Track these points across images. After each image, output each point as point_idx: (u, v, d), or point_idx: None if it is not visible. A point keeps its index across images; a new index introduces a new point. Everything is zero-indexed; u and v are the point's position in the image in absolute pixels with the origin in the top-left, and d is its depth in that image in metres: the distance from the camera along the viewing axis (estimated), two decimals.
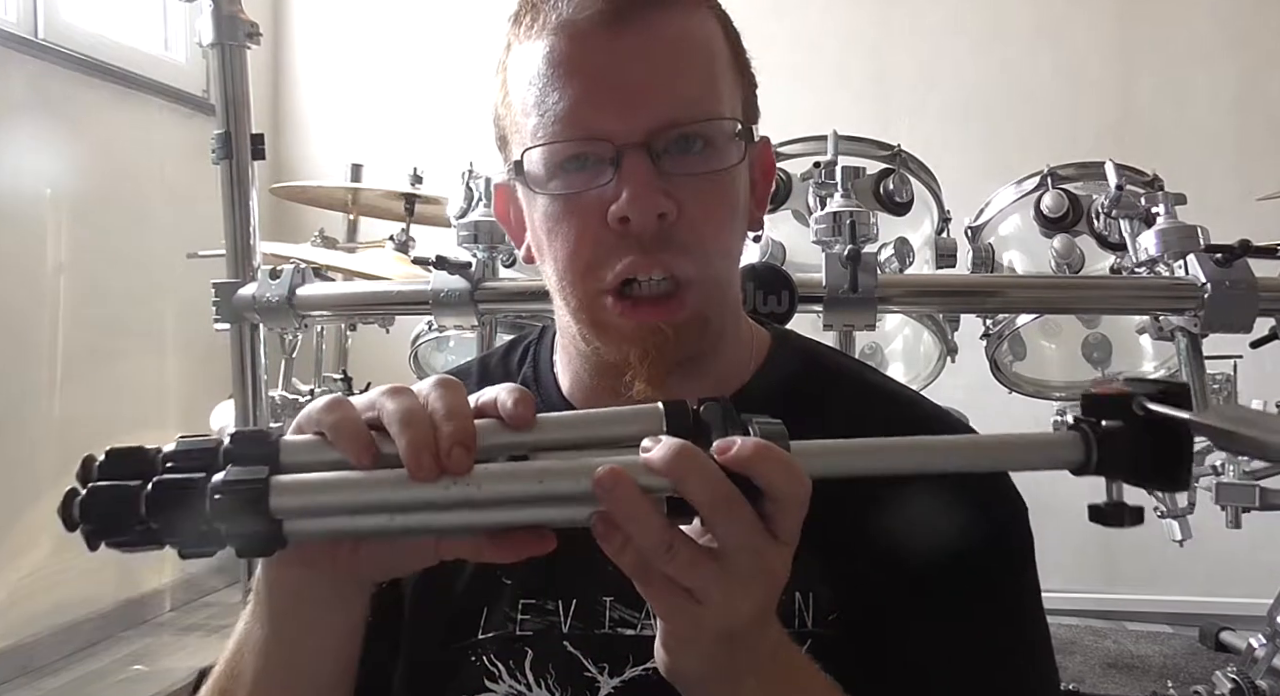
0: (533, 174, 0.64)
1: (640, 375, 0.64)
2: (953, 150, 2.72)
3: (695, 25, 0.65)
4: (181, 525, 0.44)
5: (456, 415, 0.47)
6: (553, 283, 0.67)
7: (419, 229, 2.45)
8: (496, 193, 0.75)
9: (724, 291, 0.68)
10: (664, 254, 0.62)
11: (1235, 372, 1.87)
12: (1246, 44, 2.94)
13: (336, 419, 0.48)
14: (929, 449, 0.49)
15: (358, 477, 0.46)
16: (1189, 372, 1.36)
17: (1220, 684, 1.91)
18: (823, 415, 0.69)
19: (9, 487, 2.36)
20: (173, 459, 0.46)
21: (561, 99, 0.62)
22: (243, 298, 1.49)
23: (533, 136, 0.63)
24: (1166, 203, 1.42)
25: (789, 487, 0.45)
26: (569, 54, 0.62)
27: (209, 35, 1.49)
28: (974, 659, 0.63)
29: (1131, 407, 0.47)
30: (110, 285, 2.66)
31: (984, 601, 0.64)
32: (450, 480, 0.45)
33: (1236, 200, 2.53)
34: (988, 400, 1.80)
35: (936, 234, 1.60)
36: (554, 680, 0.65)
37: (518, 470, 0.47)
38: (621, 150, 0.61)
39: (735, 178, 0.66)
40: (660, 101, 0.61)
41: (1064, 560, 2.64)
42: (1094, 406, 0.49)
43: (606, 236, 0.62)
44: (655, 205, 0.60)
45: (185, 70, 3.01)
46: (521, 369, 0.77)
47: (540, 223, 0.65)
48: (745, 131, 0.66)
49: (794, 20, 3.06)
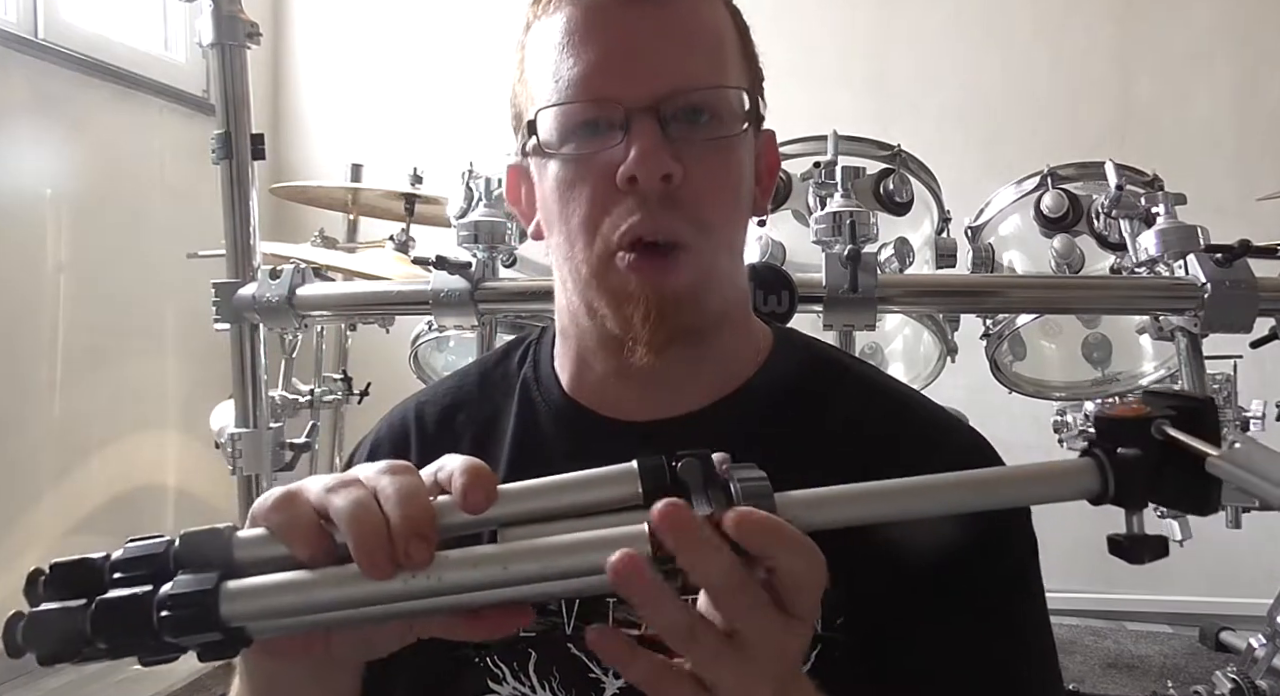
0: (545, 138, 0.66)
1: (641, 339, 0.64)
2: (953, 150, 2.72)
3: (707, 9, 0.68)
4: (131, 643, 0.43)
5: (410, 503, 0.45)
6: (562, 251, 0.68)
7: (419, 229, 2.45)
8: (509, 174, 0.76)
9: (725, 265, 0.69)
10: (668, 215, 0.63)
11: (1235, 372, 1.87)
12: (1246, 44, 2.94)
13: (284, 519, 0.46)
14: (935, 490, 0.47)
15: (311, 578, 0.44)
16: (1189, 372, 1.36)
17: (1220, 684, 1.91)
18: (825, 413, 0.70)
19: (9, 487, 2.36)
20: (121, 568, 0.44)
21: (576, 64, 0.64)
22: (243, 298, 1.49)
23: (546, 100, 0.66)
24: (1166, 203, 1.42)
25: (809, 571, 0.44)
26: (584, 23, 0.65)
27: (209, 35, 1.49)
28: (977, 665, 0.63)
29: (1150, 432, 0.45)
30: (110, 285, 2.65)
31: (987, 607, 0.64)
32: (409, 574, 0.44)
33: (1236, 200, 2.53)
34: (988, 400, 1.80)
35: (936, 234, 1.60)
36: (558, 682, 0.65)
37: (481, 557, 0.45)
38: (631, 113, 0.63)
39: (740, 151, 0.68)
40: (670, 70, 0.64)
41: (1064, 560, 2.63)
42: (1109, 430, 0.46)
43: (615, 198, 0.64)
44: (662, 165, 0.62)
45: (185, 70, 3.00)
46: (522, 369, 0.77)
47: (551, 189, 0.67)
48: (753, 111, 0.68)
49: (794, 20, 3.06)
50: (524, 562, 0.44)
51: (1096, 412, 0.47)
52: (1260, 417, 1.88)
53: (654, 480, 0.46)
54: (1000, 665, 0.64)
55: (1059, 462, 0.47)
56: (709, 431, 0.64)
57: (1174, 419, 0.44)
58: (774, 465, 0.46)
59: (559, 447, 0.71)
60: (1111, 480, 0.45)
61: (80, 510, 2.52)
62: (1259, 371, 1.95)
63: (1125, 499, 0.45)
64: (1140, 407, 0.46)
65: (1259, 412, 1.89)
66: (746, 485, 0.44)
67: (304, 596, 0.44)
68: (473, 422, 0.75)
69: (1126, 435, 0.45)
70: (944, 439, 0.71)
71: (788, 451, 0.52)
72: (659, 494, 0.44)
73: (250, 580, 0.44)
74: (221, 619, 0.43)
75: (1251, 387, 1.91)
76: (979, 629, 0.63)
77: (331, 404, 2.41)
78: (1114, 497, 0.45)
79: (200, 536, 0.45)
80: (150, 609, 0.42)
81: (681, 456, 0.46)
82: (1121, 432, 0.45)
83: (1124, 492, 0.45)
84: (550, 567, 0.44)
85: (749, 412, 0.70)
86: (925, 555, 0.61)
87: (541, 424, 0.72)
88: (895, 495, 0.46)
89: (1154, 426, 0.44)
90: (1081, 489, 0.45)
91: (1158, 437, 0.44)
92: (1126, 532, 0.45)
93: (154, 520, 2.72)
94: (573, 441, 0.71)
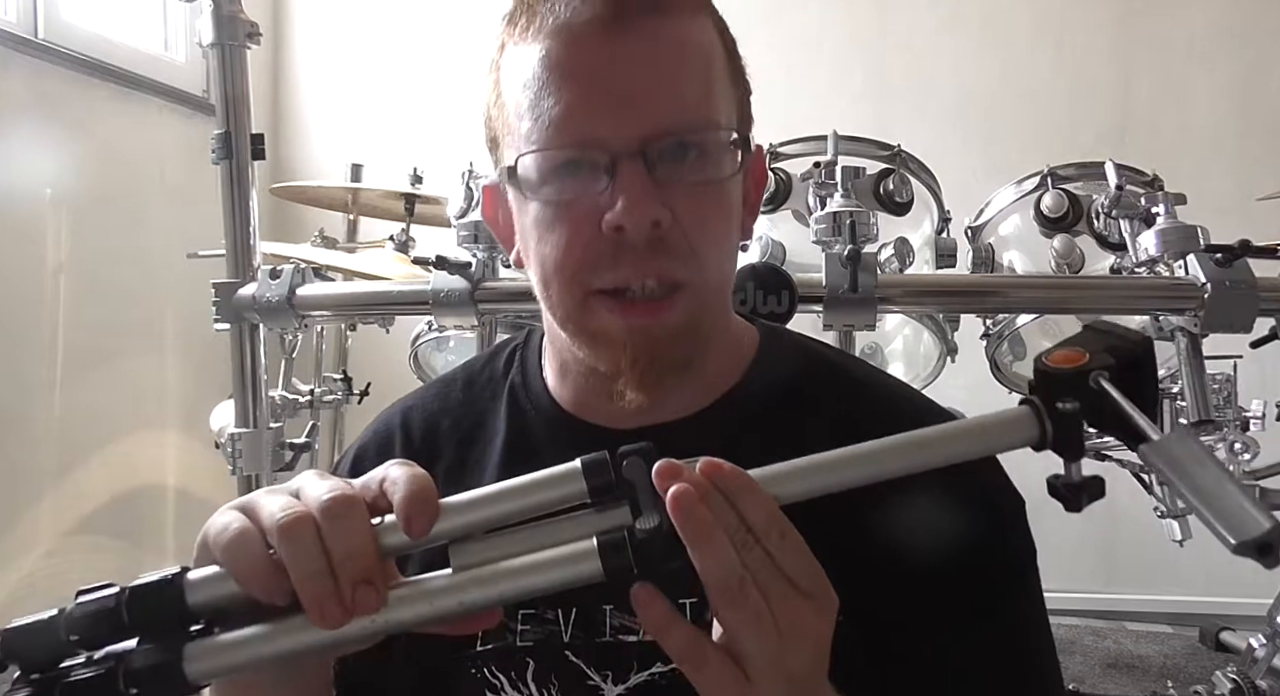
0: (526, 179, 0.63)
1: (631, 381, 0.63)
2: (953, 150, 2.72)
3: (693, 31, 0.64)
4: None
5: (351, 537, 0.46)
6: (539, 290, 0.66)
7: (419, 229, 2.45)
8: (485, 195, 0.74)
9: (717, 298, 0.68)
10: (658, 260, 0.61)
11: (1235, 372, 1.87)
12: (1246, 44, 2.94)
13: (240, 563, 0.46)
14: (885, 453, 0.48)
15: (269, 631, 0.46)
16: (1189, 372, 1.36)
17: (1220, 684, 1.91)
18: (814, 410, 0.69)
19: (9, 487, 2.36)
20: (75, 630, 0.44)
21: (557, 104, 0.61)
22: (243, 298, 1.49)
23: (526, 141, 0.62)
24: (1166, 203, 1.42)
25: (794, 537, 0.45)
26: (565, 58, 0.61)
27: (209, 35, 1.49)
28: (978, 666, 0.63)
29: (1088, 383, 0.46)
30: (110, 285, 2.65)
31: (986, 608, 0.64)
32: (364, 618, 0.45)
33: (1236, 200, 2.53)
34: (988, 400, 1.79)
35: (936, 234, 1.60)
36: (557, 690, 0.65)
37: (434, 590, 0.46)
38: (617, 158, 0.60)
39: (730, 187, 0.65)
40: (657, 109, 0.61)
41: (1064, 560, 2.64)
42: (1047, 380, 0.47)
43: (599, 243, 0.61)
44: (651, 212, 0.59)
45: (185, 70, 3.00)
46: (509, 374, 0.76)
47: (531, 228, 0.64)
48: (741, 141, 0.65)
49: (793, 20, 3.06)
50: (478, 590, 0.46)
51: (1036, 361, 0.48)
52: (1260, 417, 1.88)
53: (598, 477, 0.47)
54: (1001, 666, 0.64)
55: (999, 414, 0.48)
56: (698, 435, 0.64)
57: (1112, 369, 0.45)
58: (759, 465, 0.47)
59: (550, 455, 0.71)
60: (1050, 429, 0.46)
61: (80, 510, 2.52)
62: (1259, 371, 1.94)
63: (1064, 449, 0.46)
64: (1079, 356, 0.46)
65: (1259, 412, 1.88)
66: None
67: (263, 648, 0.45)
68: (458, 429, 0.74)
69: (1064, 387, 0.46)
70: None
71: (778, 451, 0.53)
72: (604, 492, 0.46)
73: (211, 640, 0.45)
74: (188, 682, 0.44)
75: (1251, 388, 1.91)
76: (979, 630, 0.63)
77: (331, 404, 2.41)
78: (1052, 446, 0.46)
79: (151, 589, 0.45)
80: (116, 686, 0.43)
81: (625, 454, 0.47)
82: (1060, 384, 0.46)
83: (1062, 442, 0.46)
84: (506, 592, 0.45)
85: (738, 415, 0.70)
86: (924, 557, 0.61)
87: (532, 432, 0.72)
88: (847, 463, 0.47)
89: (1091, 379, 0.45)
90: (1021, 438, 0.47)
91: (1094, 388, 0.45)
92: (1064, 478, 0.47)
93: (154, 520, 2.72)
94: (564, 449, 0.70)
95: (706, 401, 0.70)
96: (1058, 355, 0.47)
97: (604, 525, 0.47)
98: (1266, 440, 1.66)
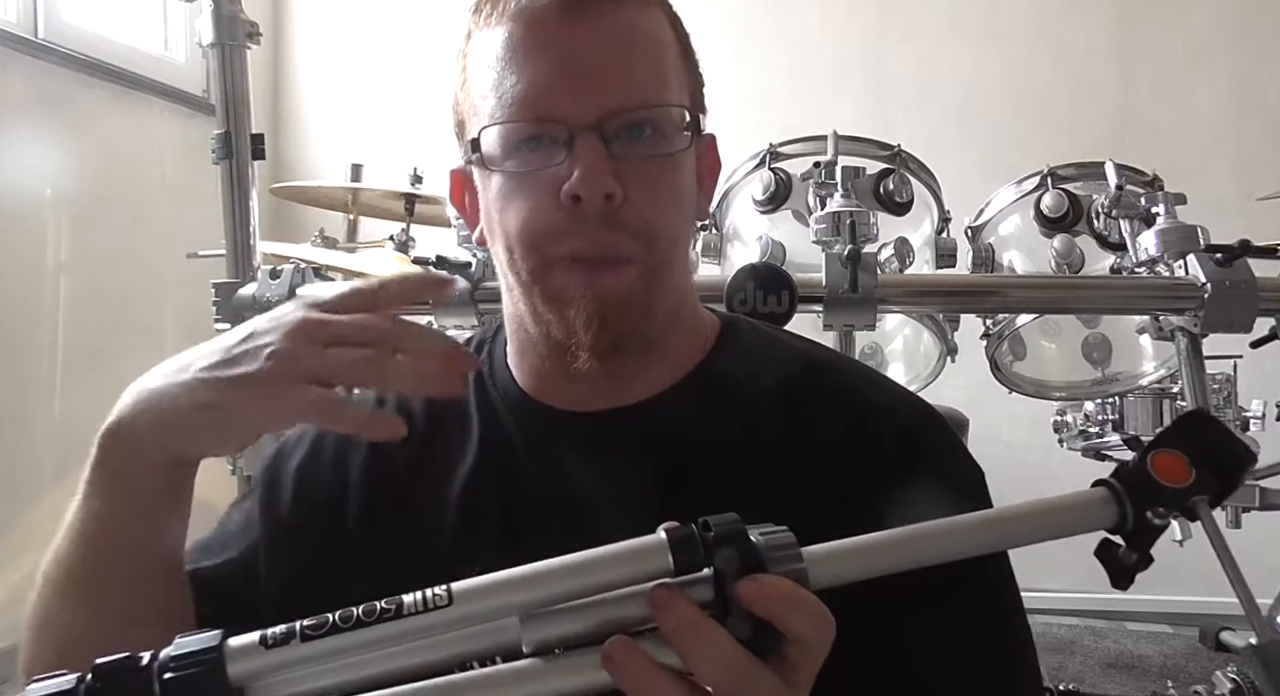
0: (489, 153, 0.67)
1: (584, 345, 0.65)
2: (953, 150, 2.72)
3: (646, 20, 0.68)
4: None
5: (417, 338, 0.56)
6: (503, 261, 0.69)
7: (419, 229, 2.44)
8: (452, 179, 0.77)
9: (670, 274, 0.69)
10: (610, 234, 0.64)
11: (1235, 372, 1.88)
12: (1246, 44, 2.94)
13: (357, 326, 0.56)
14: (956, 532, 0.46)
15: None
16: (1189, 373, 1.36)
17: (1220, 684, 1.91)
18: (768, 393, 0.72)
19: (9, 487, 2.36)
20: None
21: (519, 81, 0.65)
22: (243, 298, 1.49)
23: (490, 117, 0.66)
24: (1166, 203, 1.42)
25: (818, 638, 0.43)
26: (527, 39, 0.65)
27: (209, 35, 1.49)
28: (958, 659, 0.63)
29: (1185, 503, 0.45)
30: (110, 285, 2.65)
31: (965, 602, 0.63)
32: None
33: (1236, 200, 2.53)
34: (988, 400, 1.80)
35: (936, 234, 1.60)
36: None
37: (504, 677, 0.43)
38: (575, 132, 0.63)
39: (682, 165, 0.68)
40: (613, 88, 0.64)
41: (1064, 560, 2.63)
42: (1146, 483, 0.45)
43: (557, 215, 0.64)
44: (605, 184, 0.63)
45: (185, 70, 3.00)
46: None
47: (494, 200, 0.68)
48: (693, 122, 0.68)
49: (793, 21, 3.06)
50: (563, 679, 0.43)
51: (1140, 454, 0.46)
52: (1260, 417, 1.88)
53: (685, 552, 0.44)
54: (981, 659, 0.64)
55: (1076, 498, 0.47)
56: (657, 418, 0.69)
57: (1216, 496, 0.45)
58: (724, 445, 0.46)
59: (521, 441, 0.72)
60: (1130, 526, 0.45)
61: None
62: (1259, 371, 1.94)
63: (1136, 547, 0.45)
64: (1185, 470, 0.45)
65: (1259, 412, 1.89)
66: (770, 537, 0.44)
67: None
68: (426, 418, 0.75)
69: (1161, 496, 0.45)
70: (889, 410, 0.71)
71: (734, 432, 0.51)
72: (691, 567, 0.43)
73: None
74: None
75: (1251, 388, 1.92)
76: (958, 622, 0.63)
77: None
78: (1128, 544, 0.46)
79: (116, 668, 0.41)
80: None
81: (712, 526, 0.44)
82: (1159, 492, 0.45)
83: (1138, 545, 0.45)
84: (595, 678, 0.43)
85: (696, 397, 0.71)
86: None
87: (503, 421, 0.73)
88: (917, 541, 0.46)
89: (1191, 502, 0.45)
90: (1099, 522, 0.46)
91: (1189, 507, 0.45)
92: (1121, 559, 0.46)
93: None
94: (534, 435, 0.72)
95: (667, 384, 0.72)
96: (1163, 460, 0.45)
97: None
98: (1266, 440, 1.66)
